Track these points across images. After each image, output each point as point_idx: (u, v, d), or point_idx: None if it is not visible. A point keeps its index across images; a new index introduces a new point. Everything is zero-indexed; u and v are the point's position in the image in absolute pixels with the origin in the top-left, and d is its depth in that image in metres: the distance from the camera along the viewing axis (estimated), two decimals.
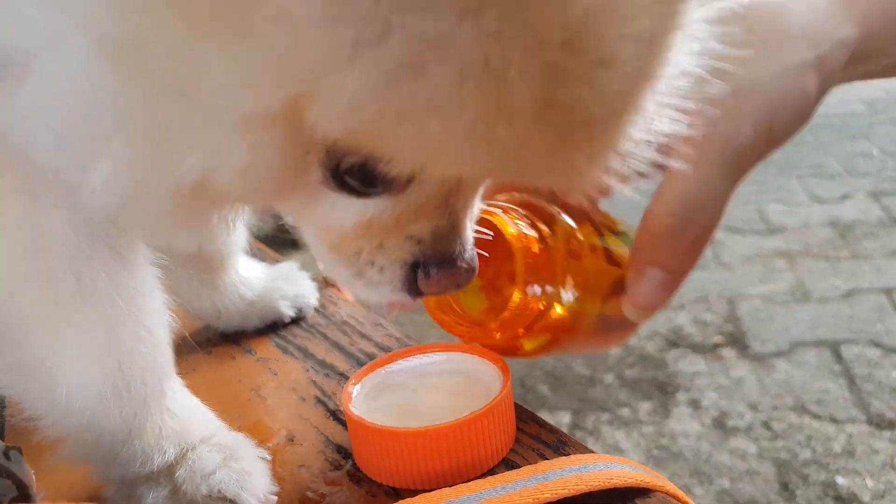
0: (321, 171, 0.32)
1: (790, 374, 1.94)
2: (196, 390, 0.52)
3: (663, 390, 1.95)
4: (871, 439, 1.69)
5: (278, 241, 0.73)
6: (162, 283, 0.47)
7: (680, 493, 0.44)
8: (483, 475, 0.45)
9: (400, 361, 0.53)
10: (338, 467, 0.49)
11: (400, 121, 0.27)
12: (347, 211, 0.35)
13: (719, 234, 2.69)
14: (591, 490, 0.42)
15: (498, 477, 0.43)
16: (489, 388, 0.49)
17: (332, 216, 0.36)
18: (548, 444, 0.49)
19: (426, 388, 0.50)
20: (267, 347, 0.66)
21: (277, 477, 0.48)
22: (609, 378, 2.03)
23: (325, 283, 0.75)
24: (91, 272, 0.41)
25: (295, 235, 0.42)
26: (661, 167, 0.39)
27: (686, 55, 0.32)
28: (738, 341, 2.10)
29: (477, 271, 0.40)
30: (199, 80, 0.27)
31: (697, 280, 2.43)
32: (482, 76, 0.26)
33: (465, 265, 0.38)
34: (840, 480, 1.59)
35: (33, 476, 0.46)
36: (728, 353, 2.06)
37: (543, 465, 0.44)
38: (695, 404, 1.88)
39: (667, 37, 0.29)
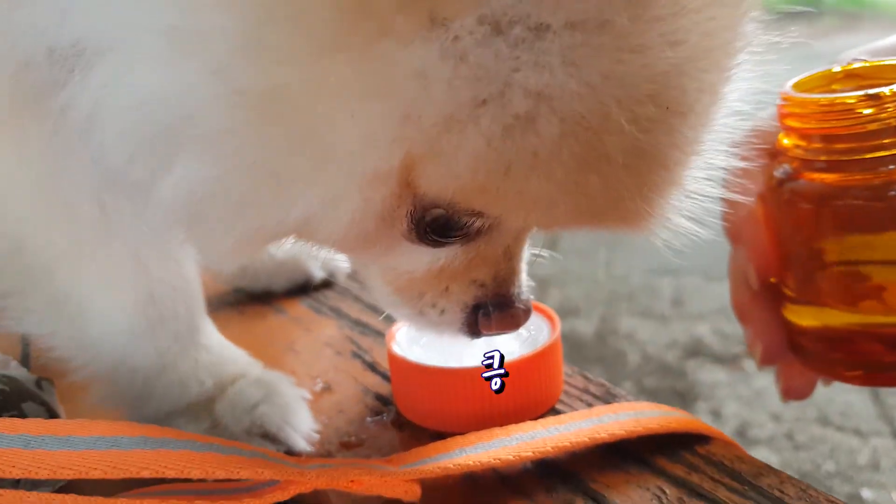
0: (406, 222, 0.33)
1: None
2: None
3: (683, 399, 1.91)
4: None
5: None
6: None
7: (739, 445, 0.42)
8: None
9: None
10: (378, 413, 0.47)
11: (506, 175, 0.28)
12: (422, 259, 0.36)
13: None
14: (649, 433, 0.40)
15: (551, 419, 0.41)
16: (537, 338, 0.47)
17: (405, 263, 0.37)
18: (596, 397, 0.47)
19: None
20: (298, 308, 0.64)
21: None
22: (627, 386, 2.00)
23: None
24: (114, 202, 0.40)
25: None
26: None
27: (736, 95, 0.33)
28: None
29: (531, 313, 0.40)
30: (329, 134, 0.28)
31: (717, 292, 2.40)
32: (579, 128, 0.27)
33: (522, 306, 0.39)
34: (865, 493, 1.55)
35: (62, 410, 0.44)
36: (749, 364, 2.02)
37: (599, 409, 0.42)
38: (715, 414, 1.84)
39: (725, 84, 0.32)
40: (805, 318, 0.42)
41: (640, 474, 0.39)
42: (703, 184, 0.34)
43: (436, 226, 0.33)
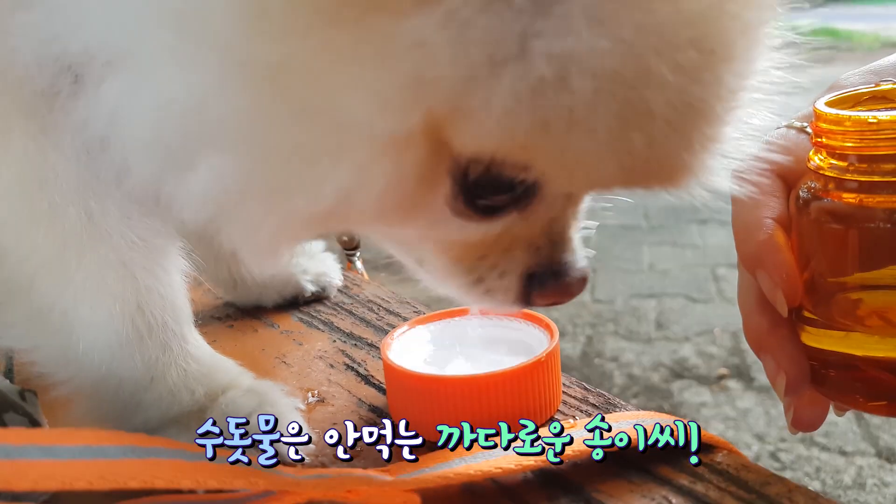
0: (451, 185, 0.32)
1: None
2: None
3: None
4: (881, 472, 1.65)
5: None
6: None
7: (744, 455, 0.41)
8: None
9: (440, 322, 0.50)
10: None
11: (544, 132, 0.27)
12: (473, 231, 0.35)
13: (723, 271, 2.69)
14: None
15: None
16: (534, 349, 0.46)
17: (457, 234, 0.35)
18: (595, 406, 0.46)
19: (469, 345, 0.48)
20: (290, 322, 0.63)
21: None
22: None
23: (348, 267, 0.73)
24: (101, 207, 0.39)
25: None
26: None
27: (772, 48, 0.32)
28: (743, 374, 2.07)
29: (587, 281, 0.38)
30: (343, 103, 0.27)
31: (701, 314, 2.41)
32: (616, 84, 0.26)
33: (578, 275, 0.37)
34: None
35: (46, 422, 0.43)
36: (733, 384, 2.03)
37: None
38: None
39: (763, 28, 0.30)
40: (826, 343, 0.40)
41: (644, 483, 0.38)
42: (743, 141, 0.33)
43: (483, 185, 0.31)
